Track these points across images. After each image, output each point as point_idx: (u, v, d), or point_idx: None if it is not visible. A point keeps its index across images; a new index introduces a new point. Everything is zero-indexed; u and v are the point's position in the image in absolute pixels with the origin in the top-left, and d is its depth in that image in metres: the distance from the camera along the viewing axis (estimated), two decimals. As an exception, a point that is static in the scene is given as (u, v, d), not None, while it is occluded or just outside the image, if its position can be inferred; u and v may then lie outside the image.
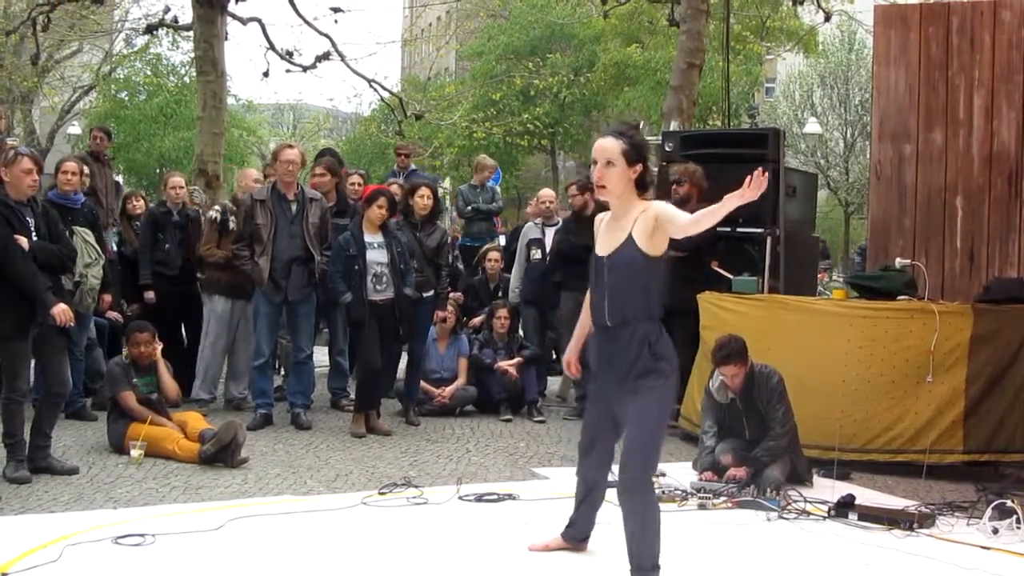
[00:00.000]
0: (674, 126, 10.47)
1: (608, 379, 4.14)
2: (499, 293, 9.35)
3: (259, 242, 7.39)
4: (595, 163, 4.10)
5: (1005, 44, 7.54)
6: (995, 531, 5.07)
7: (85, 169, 8.14)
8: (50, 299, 5.62)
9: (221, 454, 6.11)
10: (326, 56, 13.36)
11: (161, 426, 6.39)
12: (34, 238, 5.71)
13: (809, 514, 5.39)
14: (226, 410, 7.91)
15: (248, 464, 6.16)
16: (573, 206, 8.34)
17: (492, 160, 11.78)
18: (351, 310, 7.32)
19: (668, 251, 4.07)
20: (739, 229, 7.34)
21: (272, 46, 13.17)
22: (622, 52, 26.82)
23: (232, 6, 12.22)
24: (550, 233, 8.69)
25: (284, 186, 7.51)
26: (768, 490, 5.66)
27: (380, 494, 5.54)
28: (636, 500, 3.99)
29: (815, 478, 6.11)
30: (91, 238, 7.16)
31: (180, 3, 25.58)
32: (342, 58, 13.37)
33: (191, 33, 12.54)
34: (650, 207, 4.04)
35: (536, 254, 8.70)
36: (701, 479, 5.91)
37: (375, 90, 18.98)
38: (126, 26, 25.68)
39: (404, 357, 8.03)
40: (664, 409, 4.13)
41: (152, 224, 8.21)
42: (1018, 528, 5.09)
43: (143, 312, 7.99)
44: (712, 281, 7.35)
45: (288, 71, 15.33)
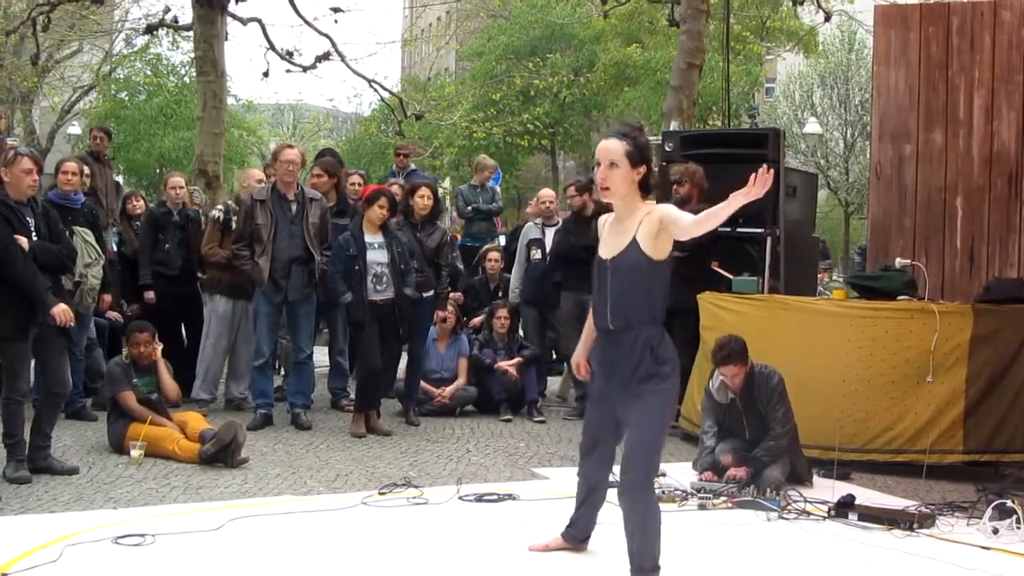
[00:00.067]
0: (674, 126, 10.47)
1: (610, 382, 4.13)
2: (499, 293, 9.35)
3: (259, 242, 7.39)
4: (598, 164, 4.06)
5: (1005, 44, 7.54)
6: (995, 531, 5.07)
7: (85, 169, 8.15)
8: (50, 299, 5.62)
9: (221, 454, 6.11)
10: (326, 56, 13.36)
11: (161, 426, 6.39)
12: (34, 238, 5.71)
13: (809, 514, 5.39)
14: (226, 410, 7.91)
15: (248, 464, 6.16)
16: (572, 207, 8.34)
17: (492, 160, 11.77)
18: (351, 310, 7.32)
19: (672, 253, 4.05)
20: (739, 229, 7.32)
21: (272, 46, 13.18)
22: (622, 52, 26.83)
23: (232, 6, 12.23)
24: (550, 233, 8.69)
25: (284, 186, 7.52)
26: (768, 490, 5.66)
27: (380, 494, 5.54)
28: (637, 501, 3.99)
29: (815, 478, 6.11)
30: (91, 238, 7.16)
31: (180, 3, 25.61)
32: (342, 58, 13.38)
33: (191, 33, 12.55)
34: (654, 210, 4.01)
35: (536, 254, 8.70)
36: (701, 479, 5.91)
37: (375, 90, 19.00)
38: (126, 26, 25.73)
39: (404, 357, 8.03)
40: (666, 412, 4.12)
41: (152, 224, 8.21)
42: (1018, 528, 5.09)
43: (143, 312, 7.99)
44: (712, 281, 7.35)
45: (288, 71, 15.35)
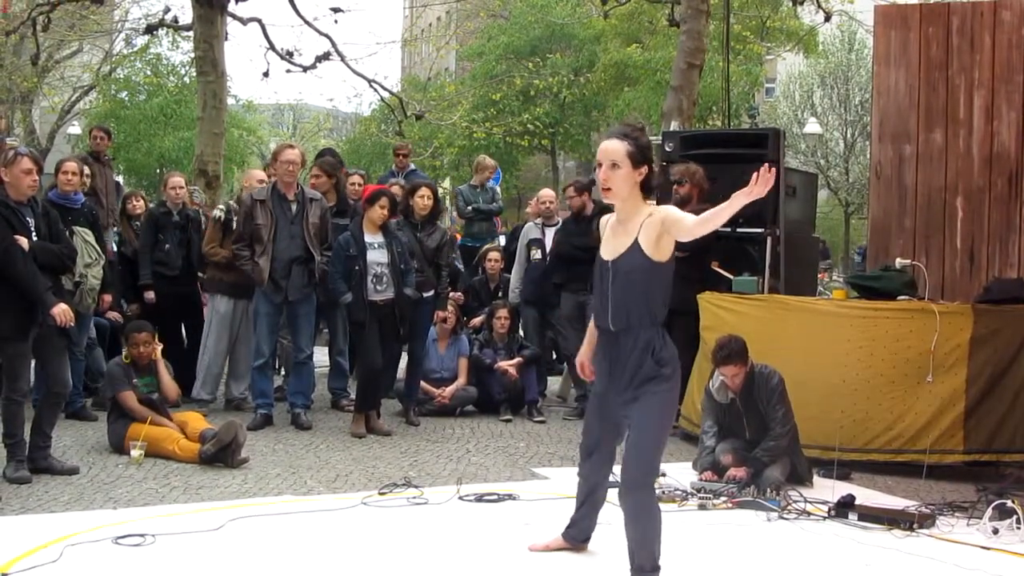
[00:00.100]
0: (674, 126, 10.48)
1: (611, 382, 4.13)
2: (499, 293, 9.34)
3: (259, 242, 7.39)
4: (600, 165, 4.03)
5: (1005, 44, 7.54)
6: (995, 531, 5.07)
7: (86, 169, 8.16)
8: (50, 299, 5.61)
9: (221, 454, 6.11)
10: (326, 56, 13.37)
11: (161, 426, 6.39)
12: (34, 238, 5.71)
13: (809, 514, 5.39)
14: (226, 410, 7.91)
15: (248, 464, 6.16)
16: (571, 207, 8.34)
17: (492, 160, 11.76)
18: (351, 310, 7.33)
19: (674, 253, 4.03)
20: (739, 229, 7.32)
21: (272, 46, 13.19)
22: (622, 52, 26.82)
23: (232, 6, 12.24)
24: (550, 233, 8.68)
25: (284, 186, 7.52)
26: (768, 490, 5.66)
27: (380, 494, 5.54)
28: (637, 501, 3.99)
29: (815, 478, 6.10)
30: (91, 238, 7.16)
31: (180, 3, 25.69)
32: (342, 58, 13.38)
33: (191, 33, 12.56)
34: (656, 211, 3.98)
35: (536, 254, 8.70)
36: (701, 479, 5.91)
37: (375, 90, 19.01)
38: (126, 26, 25.75)
39: (404, 357, 8.03)
40: (667, 414, 4.11)
41: (152, 224, 8.21)
42: (1018, 528, 5.08)
43: (143, 312, 7.99)
44: (712, 281, 7.35)
45: (288, 71, 15.37)
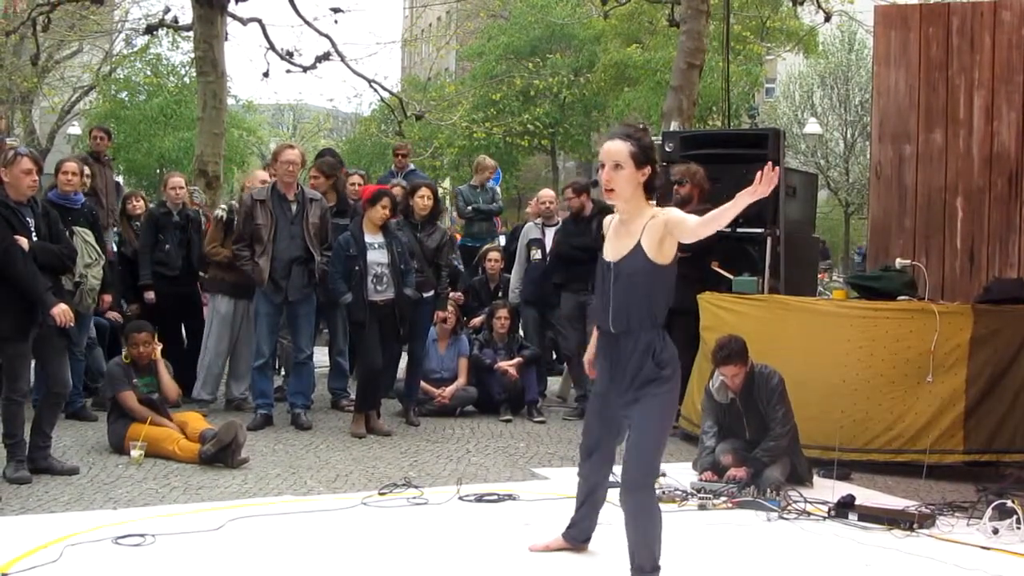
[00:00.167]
0: (674, 126, 10.48)
1: (611, 383, 4.12)
2: (499, 293, 9.35)
3: (259, 242, 7.39)
4: (602, 166, 4.01)
5: (1005, 44, 7.54)
6: (995, 531, 5.07)
7: (86, 170, 8.15)
8: (50, 299, 5.61)
9: (221, 454, 6.11)
10: (326, 56, 13.37)
11: (161, 426, 6.39)
12: (34, 238, 5.71)
13: (809, 514, 5.39)
14: (226, 410, 7.91)
15: (248, 464, 6.16)
16: (570, 208, 8.34)
17: (492, 160, 11.76)
18: (352, 311, 7.32)
19: (677, 256, 4.01)
20: (739, 229, 7.32)
21: (272, 46, 13.19)
22: (622, 52, 26.83)
23: (232, 6, 12.24)
24: (550, 233, 8.68)
25: (284, 186, 7.52)
26: (768, 490, 5.66)
27: (380, 494, 5.54)
28: (637, 502, 3.99)
29: (815, 478, 6.10)
30: (91, 238, 7.16)
31: (180, 3, 25.68)
32: (342, 58, 13.38)
33: (191, 33, 12.56)
34: (659, 213, 3.97)
35: (536, 254, 8.70)
36: (701, 479, 5.91)
37: (375, 90, 18.98)
38: (126, 26, 25.75)
39: (404, 357, 8.03)
40: (667, 415, 4.11)
41: (152, 224, 8.21)
42: (1018, 528, 5.08)
43: (143, 312, 7.99)
44: (712, 281, 7.35)
45: (288, 71, 15.37)
